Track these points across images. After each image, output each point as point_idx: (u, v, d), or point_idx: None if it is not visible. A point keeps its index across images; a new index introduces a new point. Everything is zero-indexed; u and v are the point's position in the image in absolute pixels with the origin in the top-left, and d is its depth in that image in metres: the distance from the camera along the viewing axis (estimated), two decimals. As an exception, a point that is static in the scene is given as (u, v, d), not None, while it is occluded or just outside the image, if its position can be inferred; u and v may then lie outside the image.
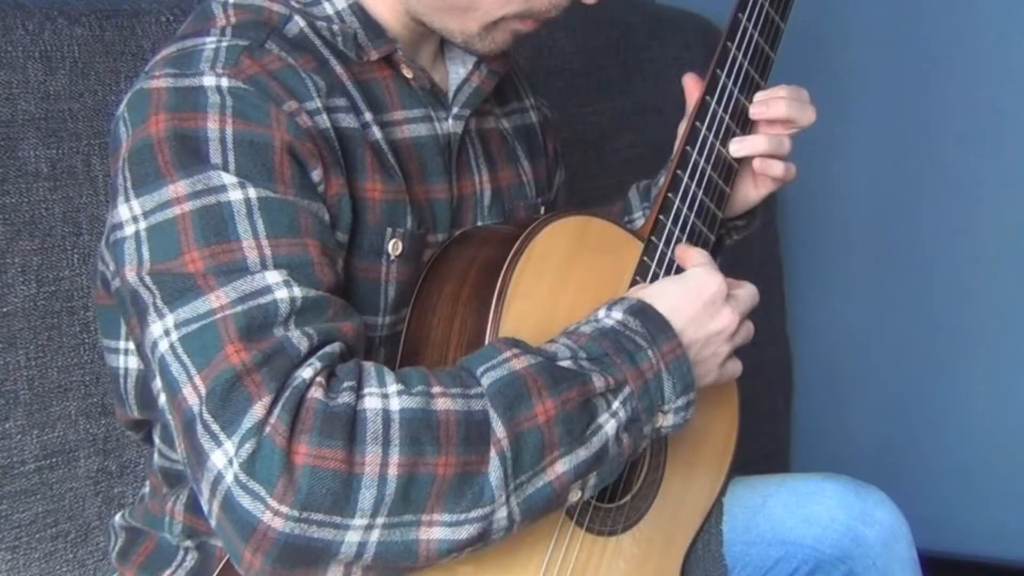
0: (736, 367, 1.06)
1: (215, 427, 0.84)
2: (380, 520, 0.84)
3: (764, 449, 2.10)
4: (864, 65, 2.15)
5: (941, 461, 2.17)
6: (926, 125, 2.11)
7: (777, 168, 1.17)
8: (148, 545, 1.08)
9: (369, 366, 0.89)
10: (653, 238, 1.09)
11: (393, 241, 1.01)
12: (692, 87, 1.17)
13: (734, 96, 1.14)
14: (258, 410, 0.83)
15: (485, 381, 0.88)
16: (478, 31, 1.04)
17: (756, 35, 1.15)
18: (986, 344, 2.12)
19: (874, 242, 2.20)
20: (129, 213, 0.91)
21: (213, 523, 0.86)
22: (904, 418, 2.21)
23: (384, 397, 0.86)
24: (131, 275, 0.91)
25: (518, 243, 0.99)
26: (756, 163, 1.17)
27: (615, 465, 0.94)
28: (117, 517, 1.13)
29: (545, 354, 0.92)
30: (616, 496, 1.07)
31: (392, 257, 1.01)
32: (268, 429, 0.83)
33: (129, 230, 0.91)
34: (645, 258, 1.08)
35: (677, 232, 1.10)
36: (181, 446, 0.88)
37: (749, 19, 1.14)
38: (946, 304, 2.14)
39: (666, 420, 0.96)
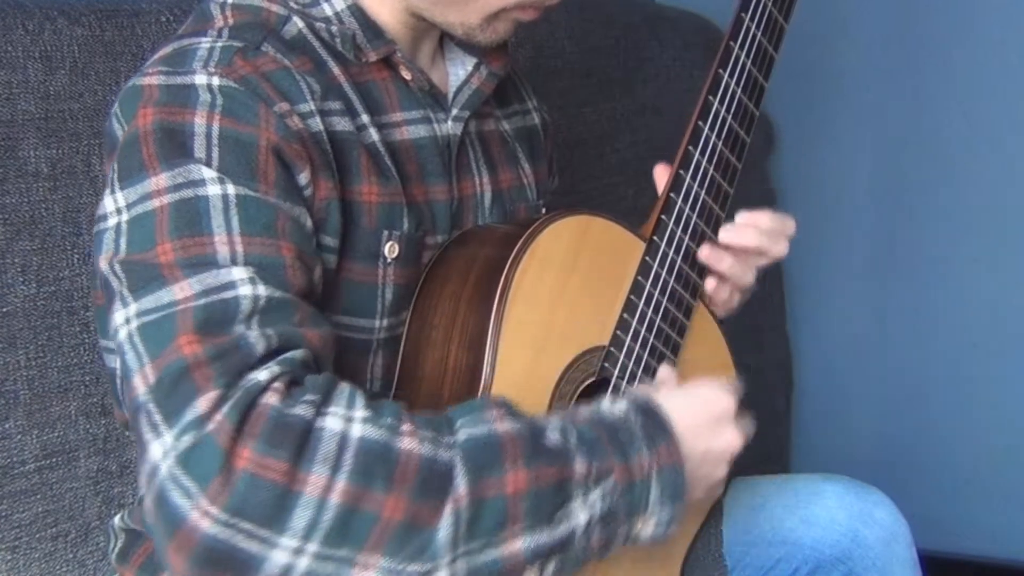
0: (721, 490, 1.01)
1: (157, 417, 0.82)
2: (312, 547, 0.80)
3: (764, 449, 2.10)
4: (864, 65, 2.15)
5: (941, 461, 2.17)
6: (926, 125, 2.11)
7: (722, 294, 1.16)
8: (147, 546, 1.08)
9: (344, 385, 0.86)
10: (655, 238, 1.09)
11: (390, 244, 1.00)
12: (660, 176, 1.14)
13: (736, 96, 1.14)
14: (202, 404, 0.81)
15: (462, 435, 0.85)
16: (479, 23, 1.03)
17: (759, 34, 1.15)
18: (986, 344, 2.12)
19: (874, 242, 2.20)
20: (113, 205, 0.91)
21: (148, 519, 0.82)
22: (904, 418, 2.21)
23: (348, 420, 0.82)
24: (103, 264, 0.90)
25: (520, 242, 0.99)
26: (709, 283, 1.15)
27: (580, 558, 0.88)
28: (116, 519, 1.12)
29: (534, 423, 0.88)
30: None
31: (389, 260, 1.01)
32: (212, 426, 0.80)
33: (112, 221, 0.91)
34: (647, 258, 1.08)
35: (679, 232, 1.10)
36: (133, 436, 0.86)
37: (752, 18, 1.14)
38: (946, 304, 2.14)
39: (646, 528, 0.91)
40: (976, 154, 2.07)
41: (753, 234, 1.14)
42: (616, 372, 1.06)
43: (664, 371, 1.07)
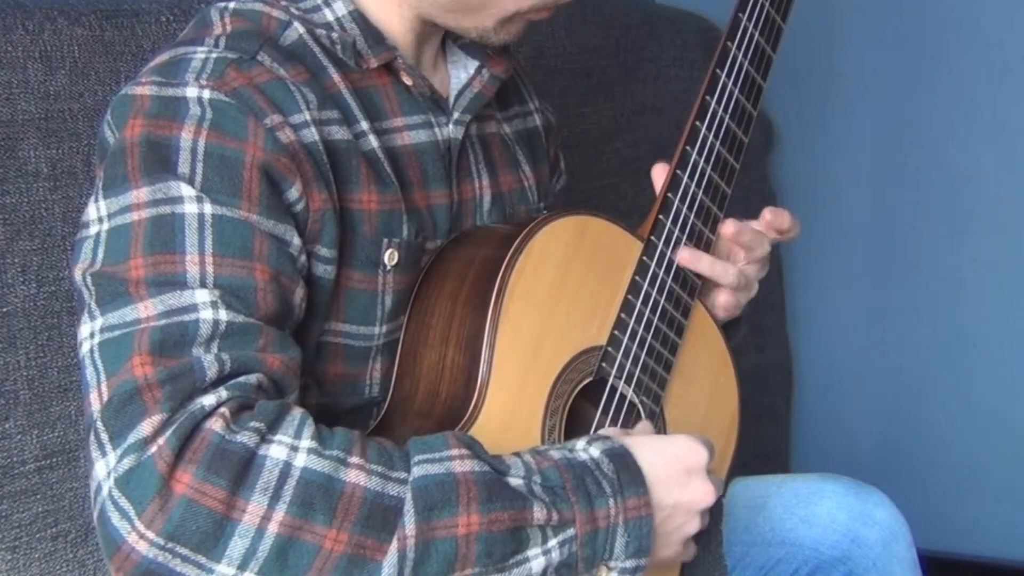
0: (692, 552, 0.99)
1: (104, 436, 0.82)
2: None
3: (764, 449, 2.10)
4: (864, 65, 2.15)
5: (941, 461, 2.16)
6: (926, 125, 2.11)
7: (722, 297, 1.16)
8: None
9: (296, 412, 0.85)
10: (653, 238, 1.09)
11: (389, 251, 1.00)
12: (658, 176, 1.13)
13: (734, 96, 1.14)
14: (146, 427, 0.81)
15: (416, 471, 0.84)
16: (494, 26, 1.03)
17: (756, 34, 1.15)
18: (986, 344, 2.12)
19: (874, 242, 2.20)
20: (96, 213, 0.92)
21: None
22: (904, 418, 2.21)
23: (292, 449, 0.82)
24: (78, 273, 0.90)
25: (517, 242, 0.99)
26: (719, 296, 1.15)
27: None
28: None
29: (496, 466, 0.87)
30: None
31: (388, 267, 1.01)
32: (153, 449, 0.80)
33: (93, 230, 0.91)
34: (645, 258, 1.08)
35: (677, 232, 1.10)
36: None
37: (750, 19, 1.14)
38: (946, 304, 2.14)
39: None
40: (976, 154, 2.07)
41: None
42: (613, 372, 1.06)
43: (642, 426, 1.05)
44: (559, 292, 1.01)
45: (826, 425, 2.27)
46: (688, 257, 1.10)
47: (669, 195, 1.10)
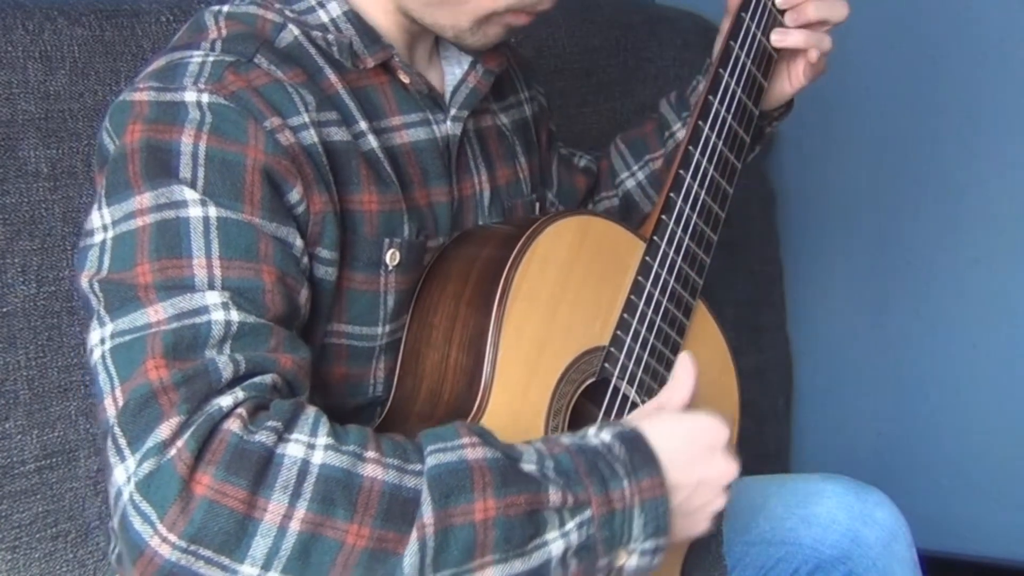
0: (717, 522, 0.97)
1: (122, 441, 0.82)
2: (274, 575, 0.80)
3: (764, 449, 2.10)
4: (864, 64, 2.15)
5: (941, 461, 2.17)
6: (926, 125, 2.11)
7: (812, 55, 1.19)
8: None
9: (310, 411, 0.85)
10: (655, 238, 1.09)
11: (391, 251, 1.00)
12: None
13: (736, 95, 1.14)
14: (164, 430, 0.81)
15: (430, 461, 0.84)
16: (469, 26, 1.02)
17: (759, 34, 1.15)
18: (985, 344, 2.12)
19: (874, 242, 2.20)
20: (100, 221, 0.91)
21: (116, 540, 0.83)
22: (904, 418, 2.21)
23: (310, 447, 0.82)
24: (84, 281, 0.90)
25: (520, 243, 0.99)
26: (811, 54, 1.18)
27: None
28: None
29: (509, 452, 0.87)
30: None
31: (390, 267, 1.01)
32: (172, 452, 0.80)
33: (98, 238, 0.91)
34: (647, 258, 1.08)
35: (680, 232, 1.10)
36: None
37: (752, 18, 1.14)
38: (946, 304, 2.14)
39: (630, 560, 0.88)
40: (976, 154, 2.07)
41: (811, 9, 1.17)
42: (616, 373, 1.06)
43: (682, 364, 1.00)
44: (562, 292, 1.01)
45: (826, 425, 2.27)
46: (778, 37, 1.15)
47: (671, 195, 1.10)
